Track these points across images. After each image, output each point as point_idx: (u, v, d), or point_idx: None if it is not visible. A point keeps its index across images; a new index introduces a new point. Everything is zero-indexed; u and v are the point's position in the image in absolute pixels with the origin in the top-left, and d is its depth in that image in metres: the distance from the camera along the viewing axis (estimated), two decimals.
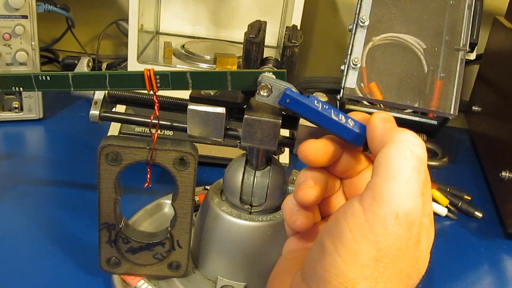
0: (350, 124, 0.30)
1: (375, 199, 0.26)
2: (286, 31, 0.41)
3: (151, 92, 0.34)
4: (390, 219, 0.25)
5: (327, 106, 0.31)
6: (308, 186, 0.31)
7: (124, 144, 0.39)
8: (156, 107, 0.37)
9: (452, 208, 0.66)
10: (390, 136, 0.28)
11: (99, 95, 0.42)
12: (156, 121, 0.39)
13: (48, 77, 0.33)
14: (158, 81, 0.33)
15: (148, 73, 0.33)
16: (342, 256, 0.26)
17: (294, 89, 0.31)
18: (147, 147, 0.39)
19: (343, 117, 0.31)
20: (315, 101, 0.31)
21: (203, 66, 0.75)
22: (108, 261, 0.44)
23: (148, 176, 0.39)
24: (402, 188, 0.26)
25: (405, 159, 0.26)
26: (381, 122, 0.29)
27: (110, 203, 0.41)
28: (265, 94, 0.32)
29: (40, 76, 0.33)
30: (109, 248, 0.43)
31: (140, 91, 0.43)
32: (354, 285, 0.25)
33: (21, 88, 0.33)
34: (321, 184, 0.32)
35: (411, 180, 0.26)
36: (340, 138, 0.31)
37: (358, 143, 0.31)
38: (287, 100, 0.31)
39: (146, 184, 0.39)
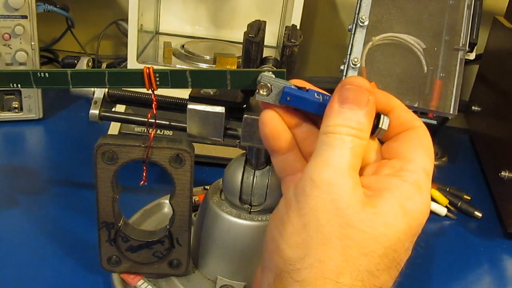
0: None
1: (299, 177, 0.28)
2: (285, 30, 0.41)
3: (150, 91, 0.34)
4: (307, 186, 0.27)
5: (327, 97, 0.31)
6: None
7: (119, 143, 0.39)
8: (153, 105, 0.37)
9: (452, 208, 0.66)
10: (324, 119, 0.29)
11: (98, 94, 0.42)
12: (153, 120, 0.39)
13: (46, 74, 0.33)
14: (157, 79, 0.33)
15: (148, 71, 0.33)
16: (276, 228, 0.28)
17: (293, 86, 0.31)
18: (143, 145, 0.39)
19: None
20: (315, 94, 0.31)
21: (203, 66, 0.75)
22: (109, 260, 0.44)
23: (144, 174, 0.39)
24: (316, 160, 0.28)
25: (322, 143, 0.28)
26: (336, 101, 0.29)
27: (108, 202, 0.41)
28: (265, 93, 0.32)
29: (38, 73, 0.33)
30: (109, 247, 0.43)
31: (140, 90, 0.43)
32: (287, 252, 0.27)
33: (19, 85, 0.33)
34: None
35: (325, 155, 0.27)
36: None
37: None
38: (288, 98, 0.31)
39: (142, 182, 0.39)
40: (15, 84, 0.33)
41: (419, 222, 0.28)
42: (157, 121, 0.40)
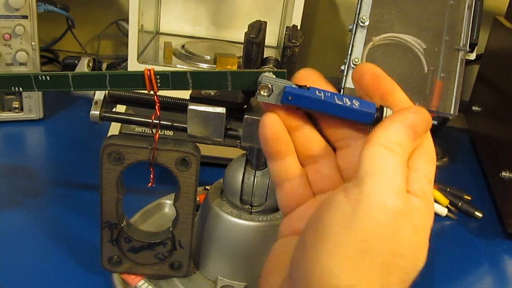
0: (356, 105, 0.30)
1: (363, 192, 0.25)
2: (286, 31, 0.41)
3: (152, 92, 0.34)
4: (377, 209, 0.25)
5: (329, 94, 0.31)
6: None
7: (126, 144, 0.39)
8: (157, 107, 0.37)
9: (452, 208, 0.66)
10: (373, 133, 0.28)
11: (99, 95, 0.42)
12: (157, 121, 0.39)
13: (48, 77, 0.33)
14: (158, 81, 0.33)
15: (148, 73, 0.33)
16: (326, 249, 0.25)
17: (293, 85, 0.31)
18: (149, 147, 0.39)
19: (347, 100, 0.30)
20: (317, 91, 0.31)
21: (203, 66, 0.75)
22: (110, 260, 0.44)
23: (152, 176, 0.39)
24: (387, 184, 0.26)
25: (386, 158, 0.26)
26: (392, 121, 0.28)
27: (112, 203, 0.41)
28: (266, 94, 0.32)
29: (40, 76, 0.33)
30: (111, 247, 0.43)
31: (141, 91, 0.43)
32: (339, 278, 0.25)
33: (20, 88, 0.33)
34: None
35: (395, 177, 0.26)
36: (349, 121, 0.31)
37: (367, 121, 0.31)
38: (290, 97, 0.31)
39: (150, 184, 0.39)
40: (16, 88, 0.33)
41: (428, 231, 0.28)
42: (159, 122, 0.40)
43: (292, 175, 0.32)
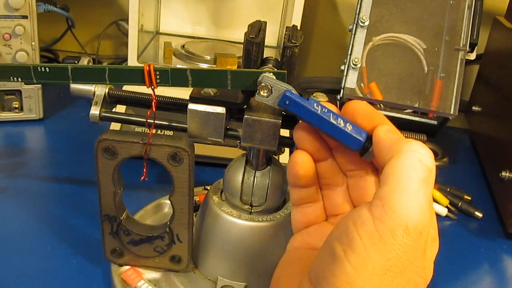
0: (348, 128, 0.31)
1: (385, 210, 0.26)
2: (286, 31, 0.41)
3: (151, 89, 0.34)
4: (399, 230, 0.25)
5: (326, 110, 0.31)
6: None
7: (119, 139, 0.40)
8: (153, 103, 0.37)
9: (452, 208, 0.67)
10: (399, 146, 0.28)
11: (99, 95, 0.42)
12: (153, 118, 0.39)
13: (47, 68, 0.33)
14: (158, 77, 0.33)
15: (148, 69, 0.33)
16: (352, 263, 0.26)
17: (294, 91, 0.31)
18: (141, 142, 0.39)
19: (341, 121, 0.31)
20: (315, 104, 0.31)
21: (203, 66, 0.75)
22: (113, 252, 0.45)
23: (144, 170, 0.39)
24: (411, 199, 0.26)
25: (414, 169, 0.26)
26: (387, 134, 0.29)
27: (109, 196, 0.42)
28: (265, 94, 0.32)
29: (39, 68, 0.33)
30: (113, 239, 0.44)
31: (141, 91, 0.43)
32: None
33: (19, 79, 0.33)
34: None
35: (420, 191, 0.26)
36: (338, 142, 0.32)
37: (355, 147, 0.31)
38: (287, 102, 0.31)
39: (142, 178, 0.39)
40: (15, 78, 0.33)
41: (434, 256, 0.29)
42: (157, 121, 0.40)
43: (312, 200, 0.34)
